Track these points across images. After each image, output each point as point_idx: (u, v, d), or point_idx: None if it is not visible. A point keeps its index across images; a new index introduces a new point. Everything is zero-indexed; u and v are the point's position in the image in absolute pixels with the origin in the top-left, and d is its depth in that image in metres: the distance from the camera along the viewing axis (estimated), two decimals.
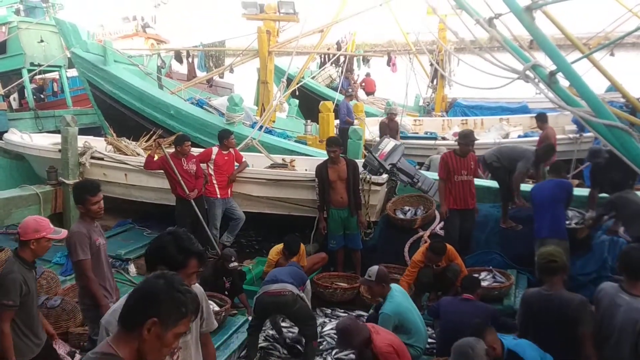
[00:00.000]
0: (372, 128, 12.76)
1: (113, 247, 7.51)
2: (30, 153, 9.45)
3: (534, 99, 14.94)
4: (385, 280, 5.07)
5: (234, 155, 7.76)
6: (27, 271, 3.79)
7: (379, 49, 32.75)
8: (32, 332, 3.89)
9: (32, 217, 3.98)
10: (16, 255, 3.83)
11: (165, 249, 2.63)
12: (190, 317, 2.05)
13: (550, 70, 4.58)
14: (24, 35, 15.34)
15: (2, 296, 3.63)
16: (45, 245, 3.88)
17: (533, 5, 4.76)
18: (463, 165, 6.66)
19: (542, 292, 4.09)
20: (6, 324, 3.65)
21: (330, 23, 12.22)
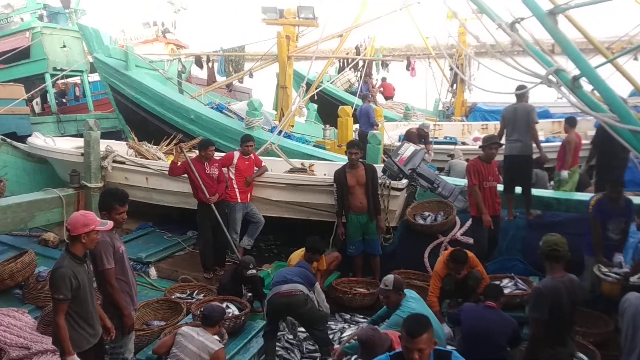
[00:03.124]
0: (390, 133, 12.73)
1: (134, 250, 7.61)
2: (53, 157, 9.58)
3: (555, 103, 14.81)
4: (401, 288, 5.07)
5: (254, 159, 7.79)
6: (77, 265, 3.90)
7: (398, 53, 32.70)
8: (87, 324, 4.00)
9: (79, 213, 4.09)
10: (67, 251, 3.95)
11: None
12: None
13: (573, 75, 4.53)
14: (47, 41, 15.60)
15: (54, 291, 3.77)
16: (95, 238, 3.99)
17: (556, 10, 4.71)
18: (489, 171, 6.60)
19: (555, 279, 4.21)
20: (60, 316, 3.77)
21: (349, 27, 12.23)
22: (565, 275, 4.25)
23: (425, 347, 3.19)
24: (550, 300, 4.18)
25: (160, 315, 6.09)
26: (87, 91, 17.31)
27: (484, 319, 4.80)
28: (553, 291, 4.20)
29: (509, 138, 7.32)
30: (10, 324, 5.41)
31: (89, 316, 4.03)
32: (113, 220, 4.33)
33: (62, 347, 3.80)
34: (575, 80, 4.45)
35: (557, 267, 4.26)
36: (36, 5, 16.89)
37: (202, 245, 7.49)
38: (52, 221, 8.28)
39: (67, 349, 3.79)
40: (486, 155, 6.64)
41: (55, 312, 3.80)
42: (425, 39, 17.15)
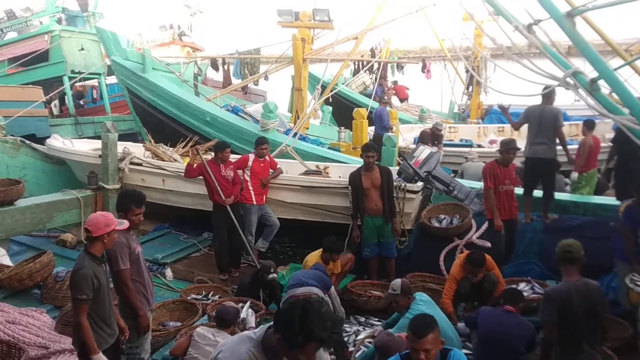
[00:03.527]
0: (405, 135, 12.69)
1: (150, 251, 7.68)
2: (71, 158, 9.70)
3: (572, 106, 14.65)
4: (410, 292, 5.06)
5: (269, 162, 7.82)
6: (96, 265, 3.95)
7: (413, 55, 32.63)
8: (105, 324, 4.05)
9: (99, 214, 4.14)
10: (86, 251, 3.99)
11: (290, 323, 2.50)
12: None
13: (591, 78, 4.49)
14: (66, 44, 15.80)
15: (76, 291, 3.81)
16: (114, 238, 4.05)
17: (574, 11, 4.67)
18: (506, 175, 6.56)
19: (568, 283, 4.21)
20: (83, 316, 3.82)
21: (364, 30, 12.23)
22: (580, 279, 4.21)
23: (432, 347, 3.19)
24: (558, 304, 4.15)
25: (176, 316, 6.13)
26: (105, 94, 17.49)
27: (501, 323, 4.77)
28: (562, 294, 4.18)
29: (533, 140, 7.19)
30: (29, 323, 5.48)
31: (107, 316, 4.08)
32: (129, 222, 4.37)
33: (88, 346, 3.85)
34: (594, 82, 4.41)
35: (571, 269, 4.22)
36: (55, 8, 17.10)
37: (218, 247, 7.52)
38: (70, 222, 8.38)
39: (92, 348, 3.84)
40: (503, 158, 6.59)
41: (77, 312, 3.85)
42: (441, 41, 17.09)
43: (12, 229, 7.54)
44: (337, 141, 11.48)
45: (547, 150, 7.10)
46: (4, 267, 6.61)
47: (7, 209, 7.43)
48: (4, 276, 6.26)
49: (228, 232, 7.36)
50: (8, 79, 15.46)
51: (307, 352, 2.51)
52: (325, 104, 14.33)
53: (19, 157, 10.53)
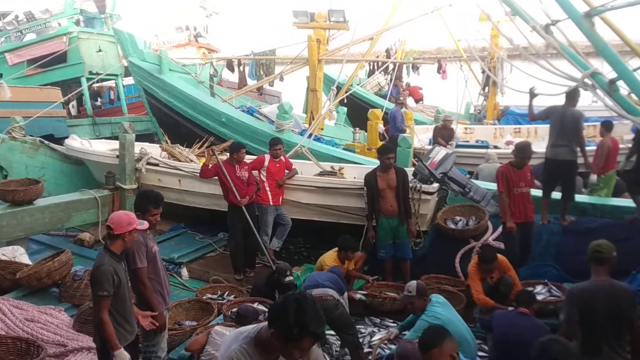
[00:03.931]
0: (421, 136, 12.65)
1: (166, 250, 7.73)
2: (89, 158, 9.81)
3: (589, 107, 14.47)
4: (426, 293, 5.04)
5: (284, 162, 7.84)
6: (116, 263, 4.02)
7: (428, 55, 32.52)
8: (125, 321, 4.11)
9: (121, 212, 4.23)
10: (106, 249, 4.08)
11: (285, 316, 2.49)
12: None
13: (610, 78, 4.45)
14: (83, 45, 15.98)
15: (97, 288, 3.88)
16: (134, 237, 4.13)
17: (593, 12, 4.64)
18: (521, 177, 6.49)
19: (592, 282, 4.16)
20: (104, 313, 3.88)
21: (380, 30, 12.22)
22: (608, 280, 4.13)
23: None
24: (580, 303, 4.11)
25: (192, 316, 6.17)
26: (122, 94, 17.67)
27: (516, 326, 4.74)
28: (584, 293, 4.13)
29: (554, 142, 7.11)
30: (47, 321, 5.55)
31: (127, 313, 4.13)
32: (146, 222, 4.42)
33: (109, 342, 3.90)
34: (612, 83, 4.38)
35: (600, 270, 4.15)
36: (73, 10, 17.30)
37: (233, 247, 7.56)
38: (88, 221, 8.48)
39: (114, 344, 3.90)
40: (517, 161, 6.55)
41: (98, 309, 3.91)
42: (457, 41, 17.01)
43: (32, 228, 7.64)
44: (352, 142, 11.49)
45: (568, 153, 7.03)
46: (23, 265, 6.70)
47: (26, 209, 7.53)
48: (23, 275, 6.35)
49: (243, 232, 7.40)
50: (27, 80, 15.66)
51: (301, 347, 2.50)
52: (340, 104, 14.33)
53: (38, 157, 10.68)
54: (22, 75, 15.45)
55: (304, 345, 2.49)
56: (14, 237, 7.39)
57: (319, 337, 2.50)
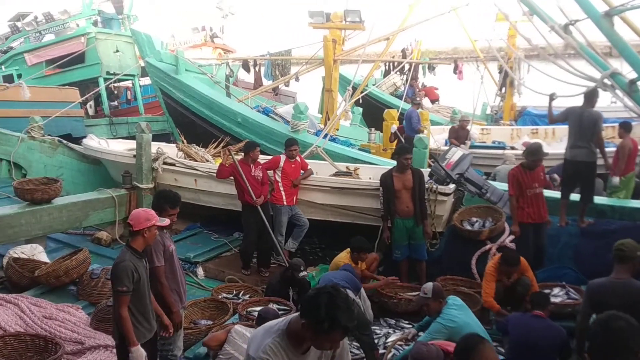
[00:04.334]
0: (437, 137, 12.59)
1: (182, 250, 7.77)
2: (107, 158, 9.89)
3: (608, 108, 14.30)
4: (442, 295, 4.99)
5: (300, 162, 7.84)
6: (137, 260, 4.05)
7: (444, 56, 32.36)
8: (144, 318, 4.14)
9: (140, 209, 4.27)
10: (128, 246, 4.12)
11: (317, 308, 2.50)
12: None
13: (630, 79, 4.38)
14: (101, 46, 16.17)
15: (117, 284, 3.92)
16: (154, 233, 4.16)
17: (612, 11, 4.58)
18: (533, 178, 6.45)
19: (609, 279, 4.22)
20: (124, 309, 3.92)
21: (396, 31, 12.18)
22: (627, 278, 4.15)
23: None
24: (593, 297, 4.21)
25: (208, 315, 6.19)
26: (139, 95, 17.83)
27: (531, 328, 4.69)
28: (598, 288, 4.21)
29: (573, 143, 7.03)
30: (65, 319, 5.61)
31: (146, 310, 4.16)
32: (167, 219, 4.46)
33: (127, 338, 3.94)
34: (632, 83, 4.32)
35: (621, 268, 4.18)
36: (91, 11, 17.52)
37: (245, 246, 7.63)
38: (105, 220, 8.54)
39: (131, 340, 3.93)
40: (529, 163, 6.48)
41: (117, 304, 3.94)
42: (474, 41, 16.90)
43: (50, 226, 7.72)
44: (368, 142, 11.48)
45: (587, 154, 6.95)
46: (42, 263, 6.77)
47: (45, 207, 7.60)
48: (41, 272, 6.41)
49: (258, 232, 7.42)
50: (46, 80, 15.88)
51: (331, 340, 2.53)
52: (356, 105, 14.32)
53: (57, 156, 10.81)
54: (41, 75, 15.66)
55: (334, 338, 2.53)
56: (32, 235, 7.46)
57: (349, 331, 2.52)
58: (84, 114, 15.84)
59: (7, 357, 4.62)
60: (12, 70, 16.92)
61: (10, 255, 6.81)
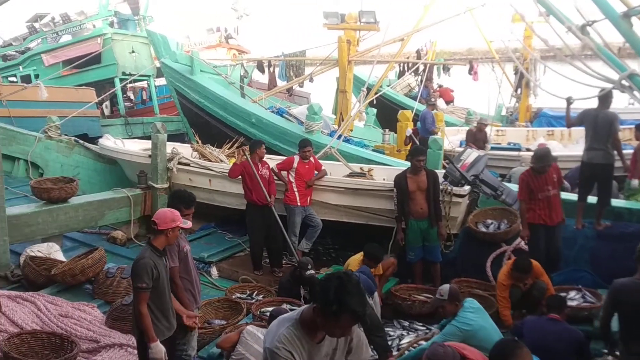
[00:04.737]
0: (451, 138, 12.52)
1: (196, 249, 7.80)
2: (122, 158, 9.97)
3: (626, 109, 14.14)
4: (458, 298, 4.96)
5: (314, 163, 7.84)
6: (157, 258, 4.10)
7: (458, 56, 32.20)
8: (163, 316, 4.18)
9: (166, 209, 4.31)
10: (149, 244, 4.18)
11: (326, 292, 2.52)
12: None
13: None
14: (117, 46, 16.30)
15: (136, 280, 3.98)
16: (177, 234, 4.22)
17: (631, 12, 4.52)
18: (545, 181, 6.34)
19: (632, 279, 4.24)
20: (143, 305, 3.97)
21: (411, 32, 12.15)
22: None
23: None
24: (616, 296, 4.28)
25: (221, 315, 6.21)
26: (154, 95, 17.95)
27: (547, 332, 4.66)
28: (621, 287, 4.26)
29: (590, 145, 6.95)
30: (80, 317, 5.66)
31: (166, 308, 4.19)
32: (190, 222, 4.49)
33: (147, 334, 3.98)
34: None
35: None
36: (107, 12, 17.67)
37: (251, 247, 7.74)
38: (121, 220, 8.60)
39: (151, 336, 3.98)
40: (537, 169, 6.39)
41: (137, 301, 3.99)
42: (489, 42, 16.79)
43: (66, 225, 7.79)
44: (382, 143, 11.43)
45: (604, 156, 6.87)
46: (58, 262, 6.83)
47: (61, 206, 7.67)
48: (58, 271, 6.47)
49: (263, 231, 7.46)
50: (63, 80, 16.04)
51: (341, 325, 2.52)
52: (370, 106, 14.28)
53: (73, 156, 10.92)
54: (58, 75, 15.80)
55: (344, 324, 2.52)
56: (49, 234, 7.54)
57: (358, 315, 2.50)
58: (100, 114, 15.98)
59: (24, 354, 4.66)
60: (30, 71, 17.13)
61: (27, 253, 6.89)
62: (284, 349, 2.59)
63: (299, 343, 2.62)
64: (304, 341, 2.63)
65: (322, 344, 2.69)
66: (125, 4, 18.58)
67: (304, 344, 2.63)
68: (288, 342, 2.61)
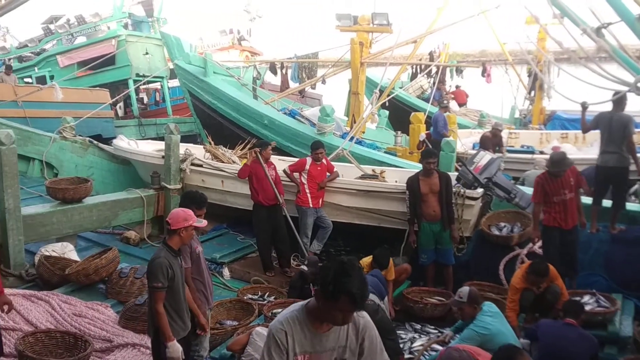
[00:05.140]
0: (464, 140, 12.47)
1: (208, 250, 7.82)
2: (136, 159, 10.03)
3: None
4: (477, 301, 4.92)
5: (326, 165, 7.85)
6: (172, 257, 4.13)
7: (472, 58, 32.04)
8: (178, 316, 4.21)
9: (180, 209, 4.34)
10: (164, 243, 4.21)
11: (326, 273, 2.53)
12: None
13: None
14: (131, 48, 16.43)
15: (152, 280, 4.01)
16: (191, 233, 4.24)
17: None
18: (561, 185, 6.27)
19: None
20: (159, 304, 4.00)
21: (424, 34, 12.11)
22: None
23: None
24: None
25: (233, 315, 6.23)
26: (167, 96, 18.05)
27: (562, 337, 4.62)
28: None
29: (604, 149, 6.89)
30: (94, 316, 5.70)
31: (180, 308, 4.21)
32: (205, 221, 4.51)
33: (163, 333, 4.01)
34: None
35: None
36: (122, 14, 17.78)
37: (259, 248, 7.78)
38: (134, 220, 8.65)
39: (167, 335, 4.00)
40: (553, 173, 6.33)
41: (153, 300, 4.02)
42: (502, 44, 16.70)
43: (80, 225, 7.85)
44: (394, 145, 11.42)
45: (618, 159, 6.80)
46: (72, 262, 6.88)
47: (75, 206, 7.73)
48: (72, 271, 6.52)
49: (270, 232, 7.49)
50: (77, 81, 16.19)
51: (340, 308, 2.50)
52: (382, 108, 14.27)
53: (87, 156, 11.02)
54: (73, 77, 15.97)
55: (342, 306, 2.49)
56: (63, 234, 7.60)
57: (355, 297, 2.46)
58: (113, 115, 16.10)
59: (38, 353, 4.70)
60: (45, 72, 17.31)
61: (42, 253, 6.95)
62: (281, 329, 2.62)
63: (299, 328, 2.63)
64: (305, 327, 2.63)
65: (326, 335, 2.66)
66: (139, 6, 18.71)
67: (305, 330, 2.63)
68: (287, 324, 2.62)
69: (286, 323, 2.63)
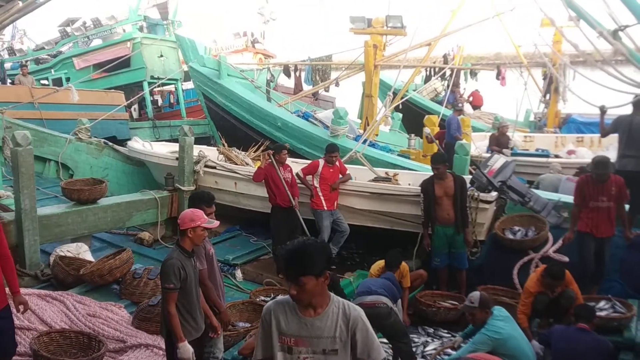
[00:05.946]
0: (478, 143, 12.40)
1: (221, 252, 7.87)
2: (150, 160, 10.10)
3: None
4: (488, 305, 4.88)
5: (338, 167, 7.84)
6: (185, 258, 4.13)
7: (486, 61, 31.87)
8: (191, 317, 4.21)
9: (189, 210, 4.34)
10: (177, 244, 4.22)
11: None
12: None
13: None
14: (146, 51, 16.58)
15: (164, 281, 4.02)
16: (201, 234, 4.21)
17: None
18: (601, 191, 6.15)
19: None
20: (172, 305, 4.01)
21: (438, 36, 12.07)
22: None
23: None
24: None
25: (246, 317, 6.23)
26: (181, 99, 18.19)
27: (575, 342, 4.57)
28: None
29: (623, 152, 6.80)
30: (108, 317, 5.74)
31: (193, 309, 4.21)
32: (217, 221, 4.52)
33: (175, 334, 4.02)
34: None
35: None
36: (137, 17, 17.95)
37: (275, 249, 7.73)
38: (148, 221, 8.71)
39: (179, 336, 4.01)
40: (594, 176, 6.23)
41: (166, 301, 4.03)
42: (517, 47, 16.60)
43: (95, 226, 7.91)
44: (407, 148, 11.38)
45: (637, 163, 6.70)
46: (87, 262, 6.94)
47: (90, 207, 7.80)
48: (86, 271, 6.57)
49: (287, 234, 7.47)
50: (93, 83, 16.37)
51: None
52: (396, 110, 14.24)
53: (102, 158, 11.12)
54: (88, 79, 16.14)
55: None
56: (78, 234, 7.67)
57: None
58: (128, 117, 16.24)
59: (52, 352, 4.74)
60: (61, 74, 17.52)
61: (57, 253, 7.02)
62: (267, 307, 2.77)
63: (286, 309, 2.71)
64: (292, 311, 2.69)
65: (312, 322, 2.67)
66: (154, 9, 18.88)
67: (292, 313, 2.69)
68: (275, 304, 2.77)
69: (274, 304, 2.77)
